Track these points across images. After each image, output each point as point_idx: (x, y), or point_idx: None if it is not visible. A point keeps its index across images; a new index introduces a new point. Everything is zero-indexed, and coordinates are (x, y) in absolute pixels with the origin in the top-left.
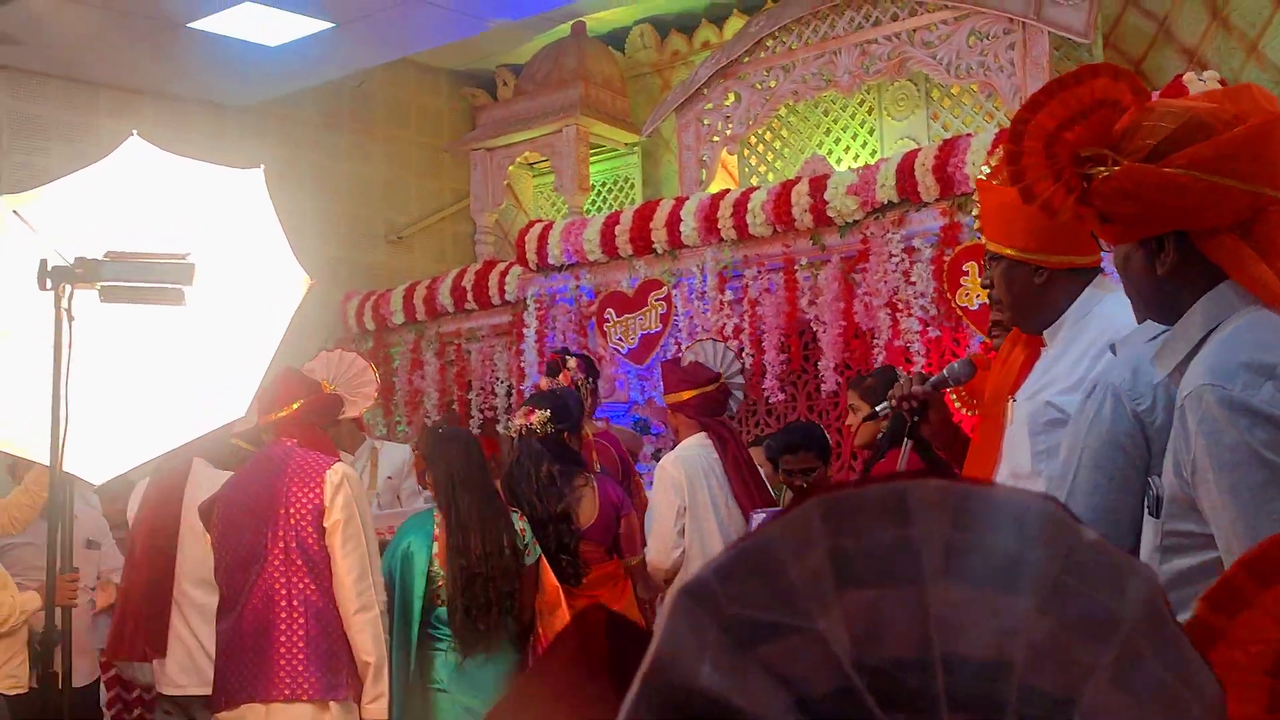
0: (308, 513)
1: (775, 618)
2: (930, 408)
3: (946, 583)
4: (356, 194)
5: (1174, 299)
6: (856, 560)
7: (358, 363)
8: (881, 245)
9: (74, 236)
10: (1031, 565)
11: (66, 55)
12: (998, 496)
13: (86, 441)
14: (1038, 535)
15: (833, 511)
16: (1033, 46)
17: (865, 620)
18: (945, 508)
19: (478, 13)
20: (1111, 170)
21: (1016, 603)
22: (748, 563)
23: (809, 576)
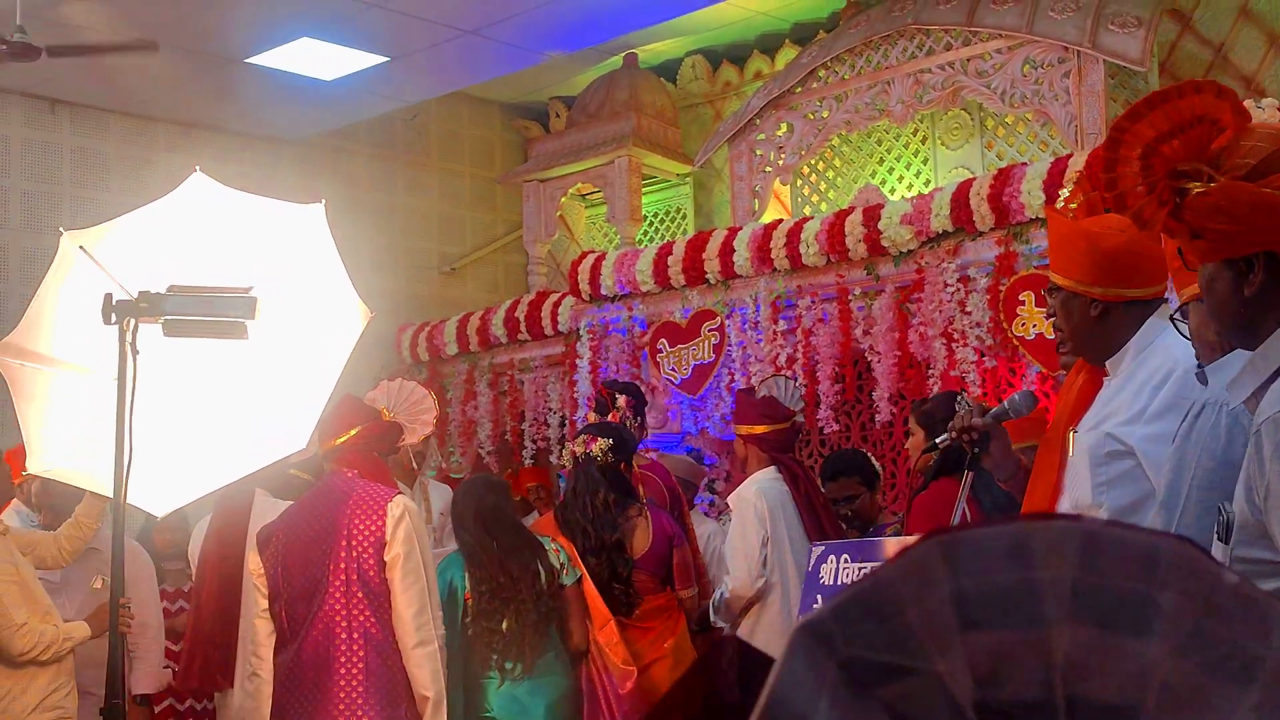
0: (369, 544)
1: (894, 659)
2: (991, 439)
3: (1073, 625)
4: (410, 226)
5: (1258, 321)
6: (979, 602)
7: (418, 391)
8: (936, 275)
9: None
10: (1164, 607)
11: (126, 91)
12: (1128, 538)
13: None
14: (1172, 577)
15: (953, 552)
16: (1088, 75)
17: (988, 662)
18: (1073, 550)
19: (531, 45)
20: (1207, 186)
21: (1148, 645)
22: (866, 603)
23: (928, 618)
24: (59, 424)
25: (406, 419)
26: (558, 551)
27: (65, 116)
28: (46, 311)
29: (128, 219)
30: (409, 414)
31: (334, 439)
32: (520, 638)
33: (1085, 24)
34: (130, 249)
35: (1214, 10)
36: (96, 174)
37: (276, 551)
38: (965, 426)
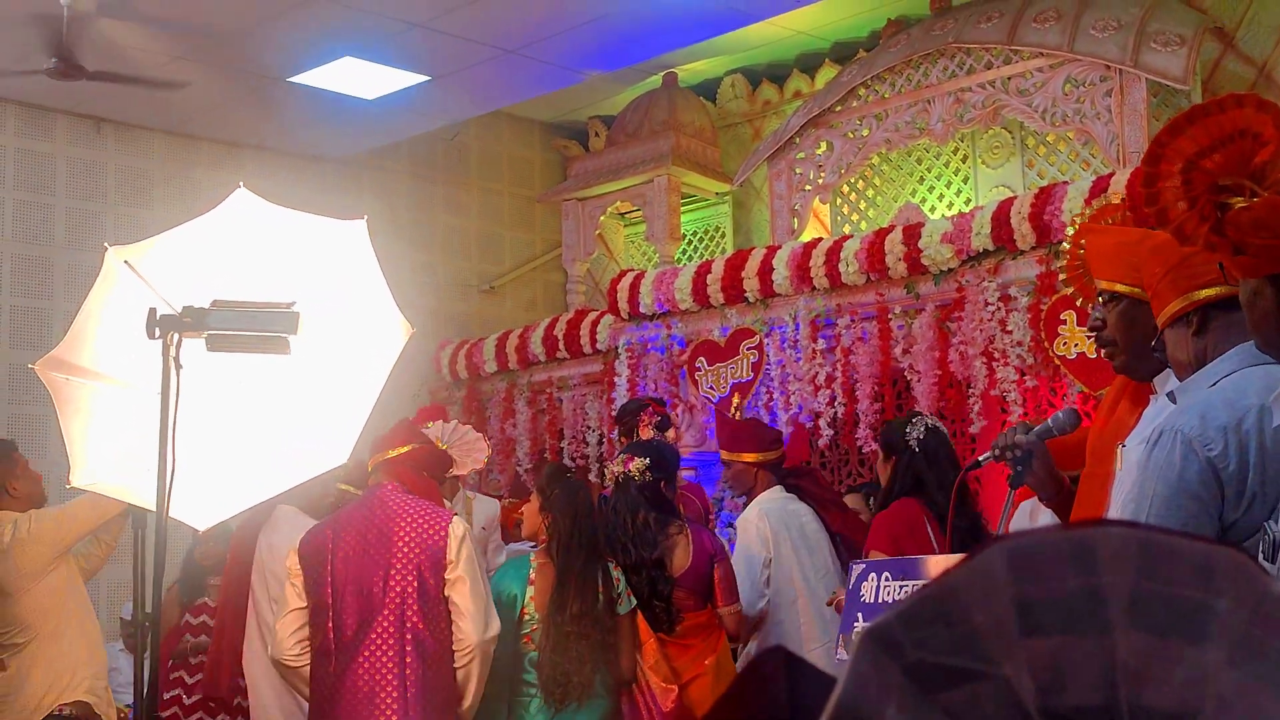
0: (429, 560)
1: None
2: (1035, 457)
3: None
4: (450, 244)
5: None
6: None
7: (472, 433)
8: (977, 294)
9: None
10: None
11: (169, 110)
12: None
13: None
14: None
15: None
16: (1130, 93)
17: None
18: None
19: (571, 65)
20: (1250, 201)
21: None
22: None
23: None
24: (103, 438)
25: (458, 454)
26: (619, 580)
27: (110, 135)
28: (91, 326)
29: (172, 234)
30: (460, 450)
31: (386, 452)
32: (581, 666)
33: (1127, 42)
34: (174, 264)
35: (1257, 29)
36: (140, 192)
37: (325, 561)
38: (1009, 444)
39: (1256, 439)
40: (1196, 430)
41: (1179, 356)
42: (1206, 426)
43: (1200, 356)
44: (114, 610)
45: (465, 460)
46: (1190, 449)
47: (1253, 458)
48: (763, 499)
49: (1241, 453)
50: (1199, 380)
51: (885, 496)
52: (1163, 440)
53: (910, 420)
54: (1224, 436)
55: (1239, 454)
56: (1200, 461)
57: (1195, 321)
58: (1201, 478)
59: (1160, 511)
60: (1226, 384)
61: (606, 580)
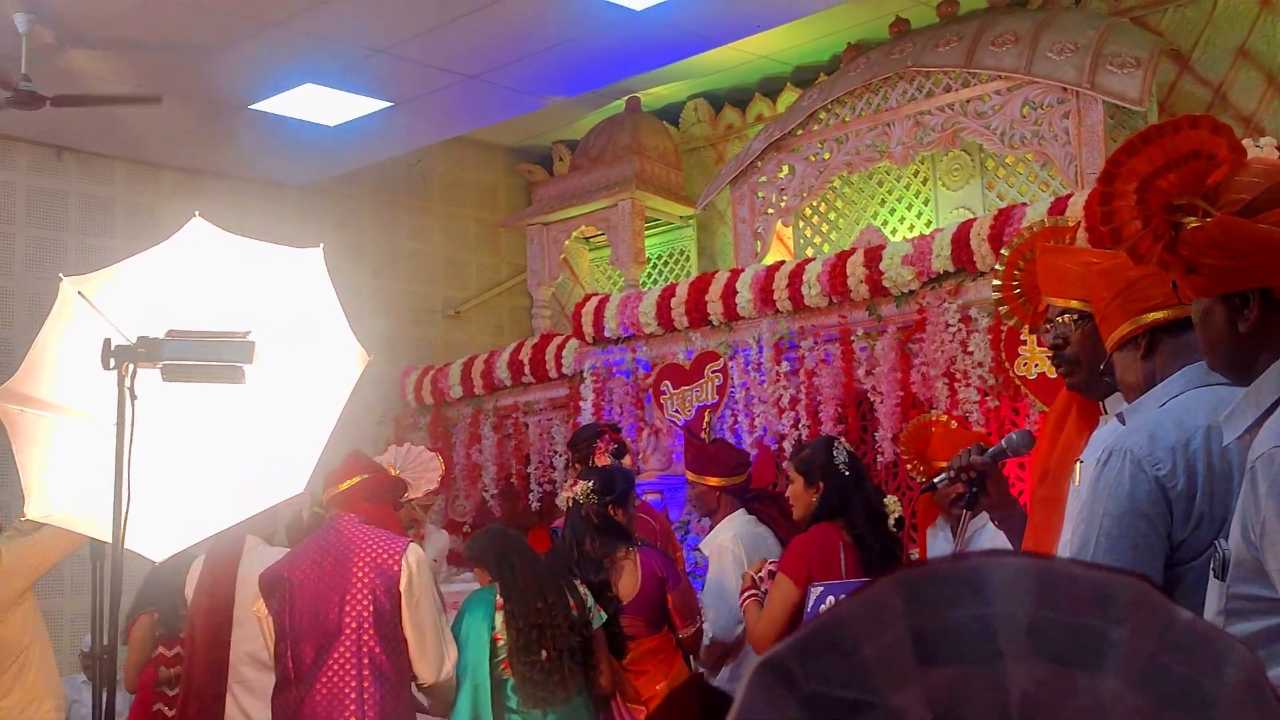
0: (383, 584)
1: (852, 694)
2: (989, 479)
3: (1030, 661)
4: (415, 270)
5: (1252, 357)
6: (937, 638)
7: (425, 454)
8: (938, 315)
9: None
10: (1119, 643)
11: (132, 138)
12: (1083, 575)
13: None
14: (1125, 613)
15: (912, 589)
16: (1087, 115)
17: (946, 698)
18: (1029, 586)
19: (533, 90)
20: (1203, 221)
21: (1102, 681)
22: (825, 639)
23: (887, 654)
24: (59, 470)
25: (411, 476)
26: (587, 596)
27: (71, 163)
28: (47, 357)
29: (127, 265)
30: (414, 472)
31: (336, 485)
32: (560, 666)
33: (1084, 64)
34: (129, 294)
35: (1212, 51)
36: (102, 220)
37: (284, 592)
38: (964, 465)
39: (1204, 459)
40: (1145, 450)
41: (1128, 379)
42: (1155, 446)
43: (1149, 378)
44: (75, 642)
45: (419, 483)
46: (1139, 469)
47: (1200, 478)
48: (732, 522)
49: (1190, 473)
50: (1148, 401)
51: (808, 520)
52: (1112, 460)
53: (833, 445)
54: (1172, 456)
55: (1187, 474)
56: (1149, 481)
57: (1144, 344)
58: (1150, 497)
59: (1110, 531)
60: (1175, 405)
61: (572, 589)
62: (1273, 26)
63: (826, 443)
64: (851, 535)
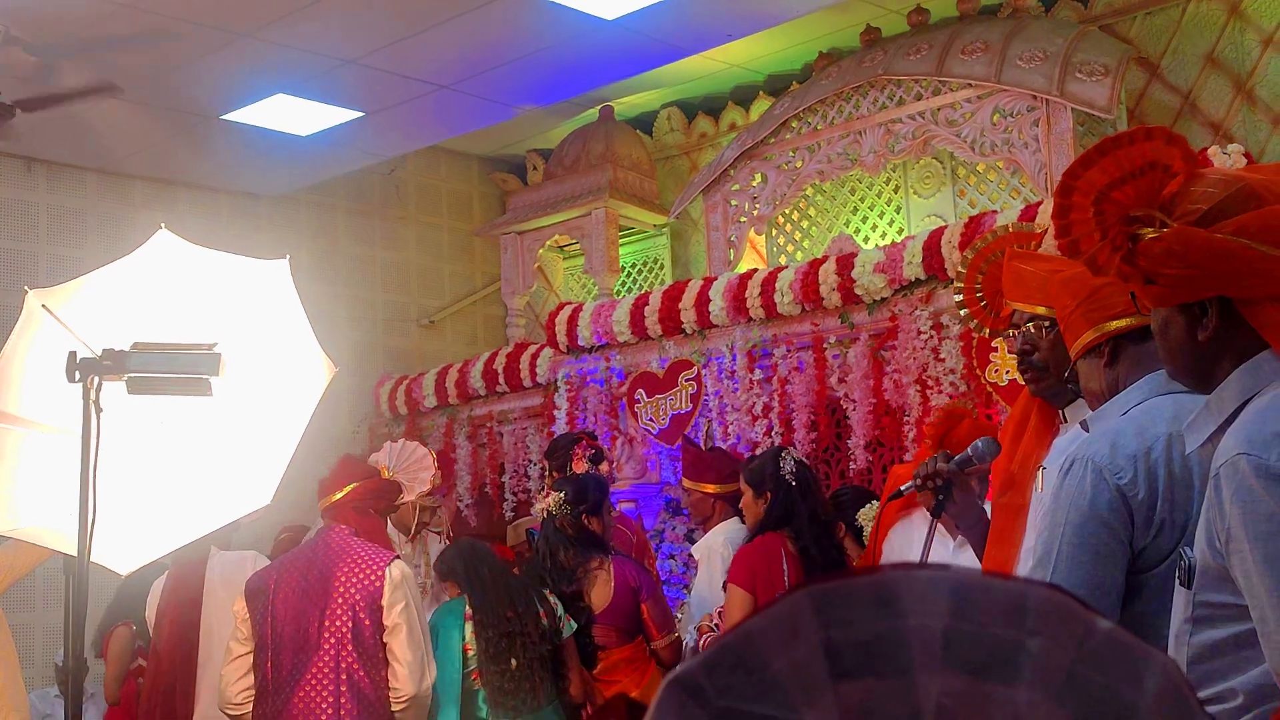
0: (365, 604)
1: (763, 710)
2: (955, 486)
3: (944, 673)
4: (389, 279)
5: (1212, 366)
6: (848, 651)
7: (419, 450)
8: (910, 322)
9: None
10: (1035, 654)
11: (103, 149)
12: (998, 586)
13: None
14: (1041, 624)
15: (823, 603)
16: (1056, 123)
17: (860, 712)
18: (940, 597)
19: (505, 99)
20: (1160, 232)
21: (1019, 693)
22: (735, 655)
23: (798, 668)
24: (26, 483)
25: (405, 476)
26: (557, 605)
27: (41, 175)
28: (13, 371)
29: (93, 277)
30: (408, 471)
31: (330, 495)
32: (530, 674)
33: (1053, 73)
34: (95, 307)
35: (1181, 59)
36: (74, 231)
37: (267, 601)
38: (930, 473)
39: (1165, 467)
40: (1106, 459)
41: (1091, 386)
42: (1116, 455)
43: (1113, 386)
44: (48, 657)
45: (414, 483)
46: (1101, 477)
47: (1161, 485)
48: (725, 529)
49: (1150, 480)
50: (1111, 409)
51: (755, 531)
52: (1074, 469)
53: (780, 455)
54: (1134, 465)
55: (1148, 482)
56: (1110, 489)
57: (1107, 352)
58: (1111, 505)
59: (1072, 539)
60: (1137, 412)
61: (542, 598)
62: (1241, 35)
63: (775, 453)
64: (796, 545)
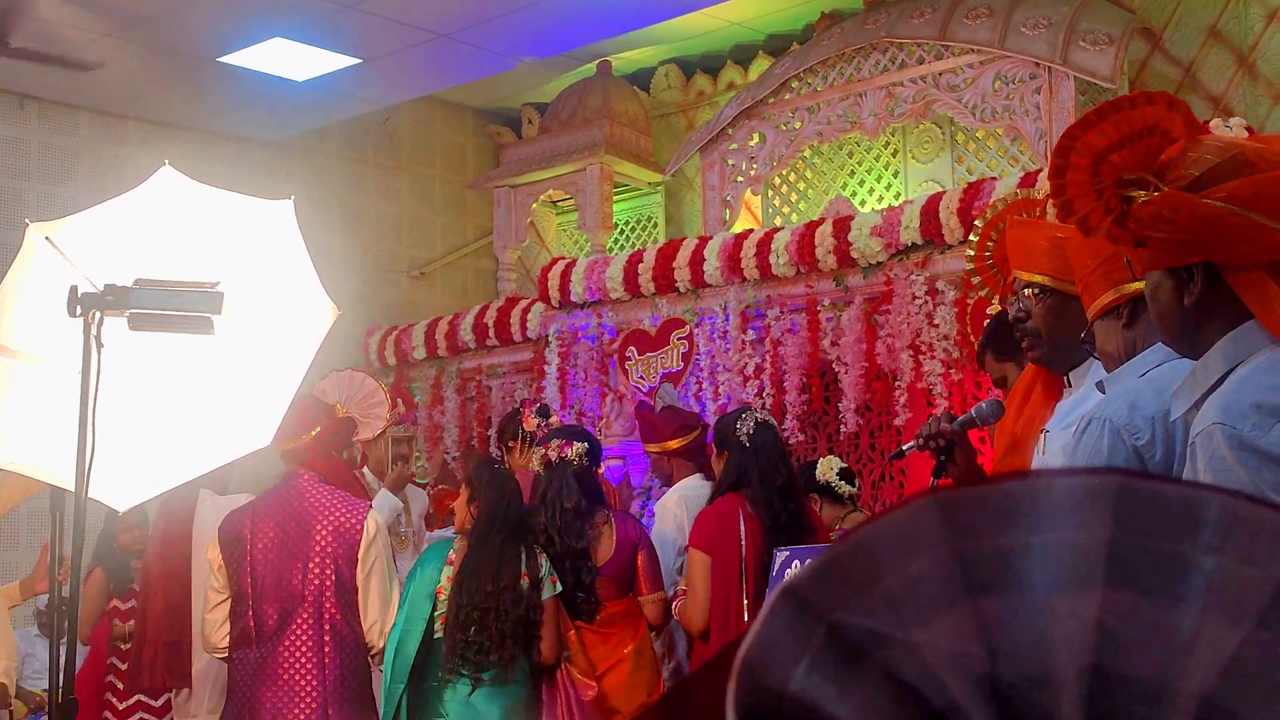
0: (345, 552)
1: (880, 625)
2: (957, 447)
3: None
4: (381, 229)
5: (1197, 331)
6: (985, 564)
7: (368, 383)
8: (905, 287)
9: (104, 264)
10: (1214, 573)
11: (97, 88)
12: (1170, 492)
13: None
14: (1221, 540)
15: (952, 513)
16: (1058, 91)
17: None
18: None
19: (505, 50)
20: (1151, 195)
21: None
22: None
23: (916, 583)
24: (20, 416)
25: (359, 413)
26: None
27: (34, 112)
28: (10, 303)
29: (95, 212)
30: (361, 408)
31: (294, 440)
32: (500, 647)
33: (1057, 40)
34: (97, 242)
35: (1184, 30)
36: (65, 170)
37: (244, 551)
38: (933, 434)
39: (1182, 430)
40: (1125, 419)
41: (1109, 348)
42: (1135, 415)
43: (1130, 348)
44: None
45: (368, 419)
46: (1118, 436)
47: (1179, 448)
48: (684, 485)
49: (1168, 443)
50: (1129, 370)
51: (716, 491)
52: (1091, 427)
53: (740, 415)
54: (1151, 426)
55: (1165, 444)
56: (1127, 449)
57: (1126, 314)
58: (1128, 465)
59: None
60: (1156, 374)
61: (531, 562)
62: (1244, 8)
63: (736, 413)
64: (752, 507)
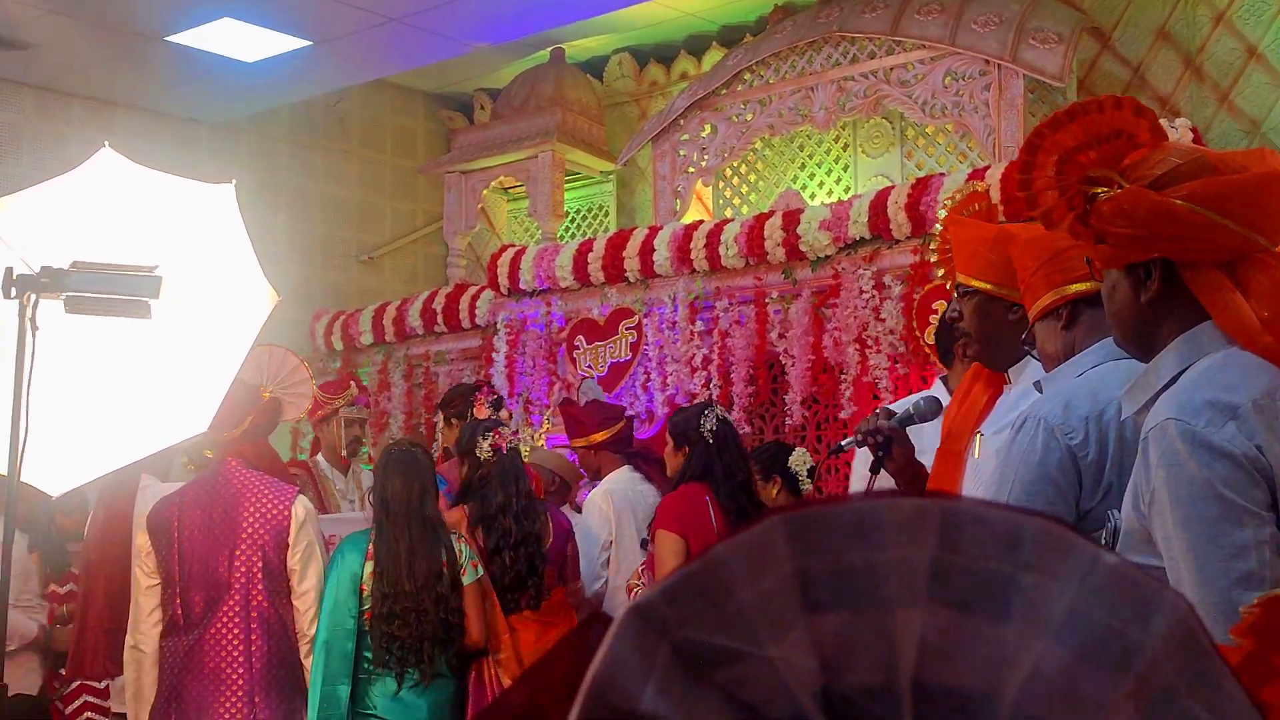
0: (272, 541)
1: (728, 642)
2: (895, 443)
3: (928, 607)
4: (329, 213)
5: (1153, 330)
6: (826, 582)
7: (290, 360)
8: (852, 281)
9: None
10: (1027, 590)
11: (41, 64)
12: (991, 515)
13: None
14: (1037, 558)
15: (799, 530)
16: (1008, 89)
17: (832, 646)
18: (930, 527)
19: (457, 35)
20: (1114, 192)
21: (1007, 630)
22: (701, 583)
23: (768, 599)
24: None
25: (284, 393)
26: (461, 552)
27: None
28: None
29: (32, 192)
30: (284, 387)
31: (230, 430)
32: (419, 647)
33: (1007, 38)
34: (34, 223)
35: (1133, 31)
36: (7, 147)
37: (172, 538)
38: (871, 430)
39: (1116, 431)
40: (1059, 419)
41: (1048, 349)
42: (1069, 415)
43: (1069, 349)
44: None
45: (293, 398)
46: (1052, 436)
47: (1111, 449)
48: (611, 479)
49: (1101, 443)
50: (1066, 371)
51: (675, 482)
52: (1026, 426)
53: (703, 412)
54: (1085, 426)
55: (1099, 444)
56: (1061, 449)
57: (1065, 315)
58: (1061, 465)
59: (1019, 496)
60: (1092, 375)
61: (450, 554)
62: (1192, 10)
63: (699, 409)
64: (717, 498)
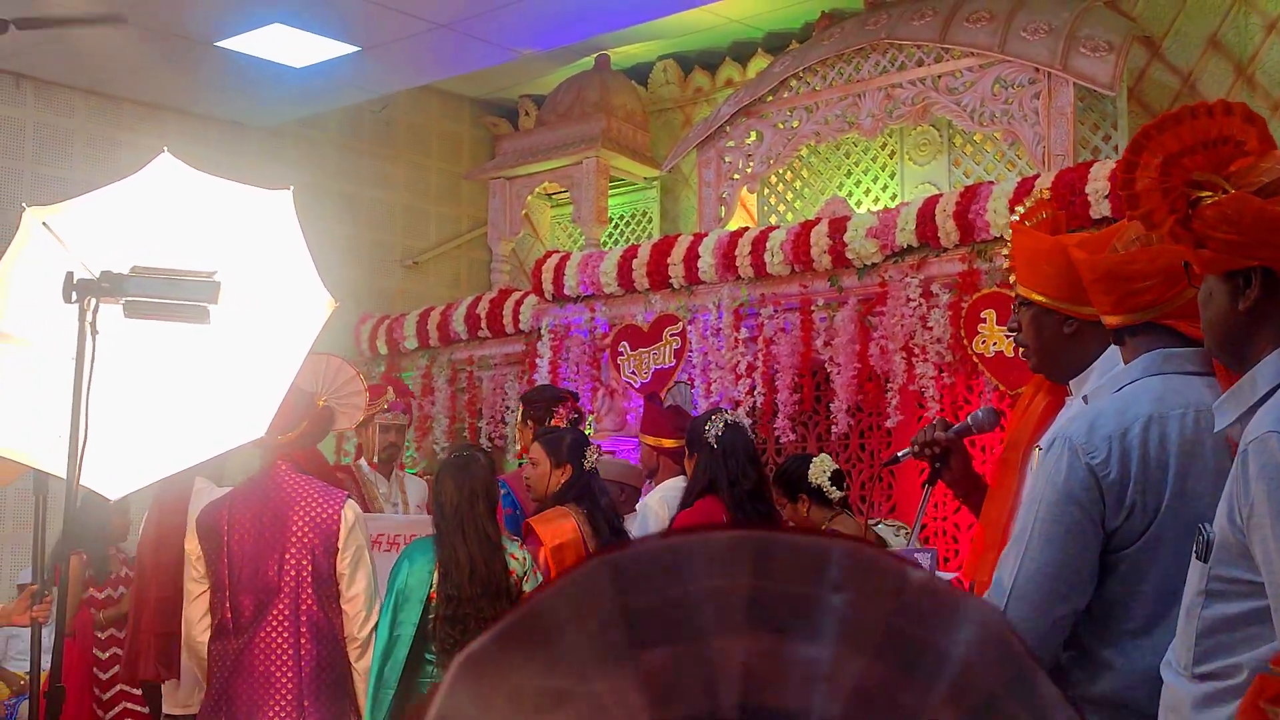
0: (321, 542)
1: (556, 683)
2: (953, 454)
3: (747, 634)
4: (375, 218)
5: (1249, 339)
6: (645, 618)
7: (346, 371)
8: (899, 289)
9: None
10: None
11: (93, 69)
12: (799, 542)
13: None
14: (846, 579)
15: (619, 571)
16: (1057, 97)
17: (659, 679)
18: (743, 558)
19: (504, 42)
20: (1219, 196)
21: (822, 649)
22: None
23: (594, 638)
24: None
25: (338, 403)
26: (523, 560)
27: (30, 92)
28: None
29: (92, 197)
30: (339, 397)
31: (285, 434)
32: None
33: (1057, 46)
34: (94, 227)
35: (1184, 40)
36: (60, 151)
37: (221, 542)
38: (928, 441)
39: (1140, 449)
40: (1083, 438)
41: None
42: (1093, 435)
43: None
44: (13, 576)
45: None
46: (1075, 456)
47: (1135, 467)
48: (666, 486)
49: (1124, 462)
50: (1107, 387)
51: (686, 493)
52: (1054, 446)
53: (710, 416)
54: (1108, 445)
55: (1120, 463)
56: (1083, 468)
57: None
58: (1084, 484)
59: (1045, 517)
60: (1126, 392)
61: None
62: (1244, 18)
63: (706, 414)
64: (727, 511)
